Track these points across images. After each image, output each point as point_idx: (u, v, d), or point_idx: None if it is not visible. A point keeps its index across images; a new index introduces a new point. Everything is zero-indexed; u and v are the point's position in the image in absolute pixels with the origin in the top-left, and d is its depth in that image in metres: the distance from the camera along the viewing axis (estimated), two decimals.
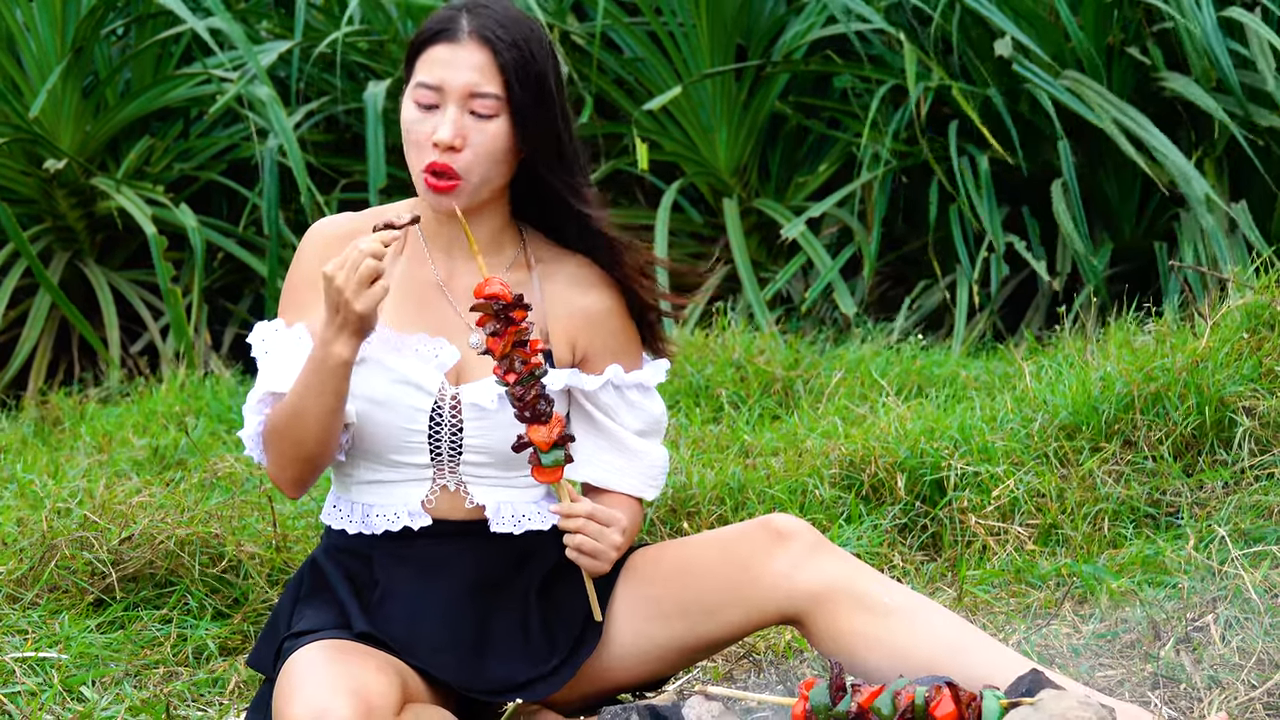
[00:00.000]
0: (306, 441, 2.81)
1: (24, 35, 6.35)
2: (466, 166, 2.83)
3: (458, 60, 2.82)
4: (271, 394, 2.87)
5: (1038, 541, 3.75)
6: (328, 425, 2.80)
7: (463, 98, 2.82)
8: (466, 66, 2.82)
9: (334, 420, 2.80)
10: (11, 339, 6.28)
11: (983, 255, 5.92)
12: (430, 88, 2.83)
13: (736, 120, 6.50)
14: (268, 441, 2.88)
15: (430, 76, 2.83)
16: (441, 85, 2.82)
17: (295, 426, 2.81)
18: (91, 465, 4.51)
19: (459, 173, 2.82)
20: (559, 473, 2.81)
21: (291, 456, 2.84)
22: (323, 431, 2.80)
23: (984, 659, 2.77)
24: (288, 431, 2.82)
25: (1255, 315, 4.08)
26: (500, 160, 2.85)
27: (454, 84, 2.82)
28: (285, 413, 2.82)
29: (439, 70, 2.82)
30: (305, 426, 2.80)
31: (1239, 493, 3.74)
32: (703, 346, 5.09)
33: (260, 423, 2.89)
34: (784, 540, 2.87)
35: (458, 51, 2.82)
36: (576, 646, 2.91)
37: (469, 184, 2.84)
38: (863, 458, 4.00)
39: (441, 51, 2.83)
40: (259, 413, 2.89)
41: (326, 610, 2.87)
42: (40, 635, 3.33)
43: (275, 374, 2.87)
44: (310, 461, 2.84)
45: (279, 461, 2.87)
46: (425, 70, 2.84)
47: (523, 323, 2.77)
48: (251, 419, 2.90)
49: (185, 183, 6.65)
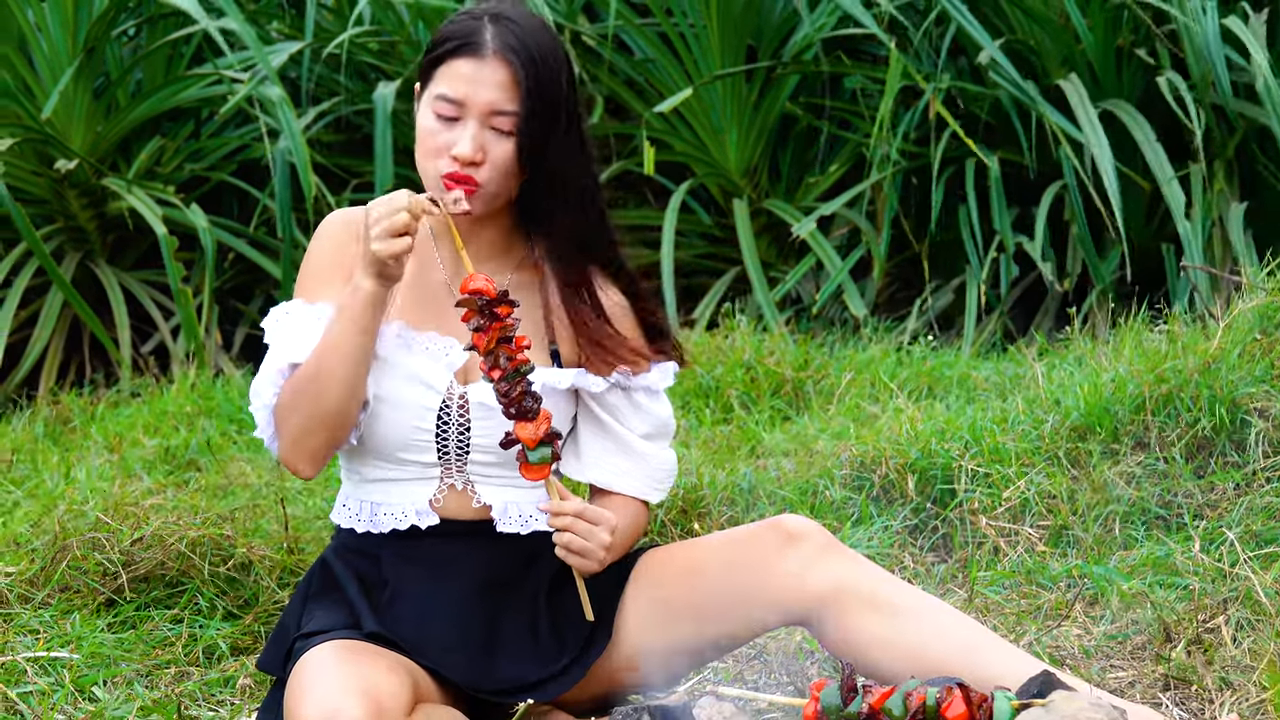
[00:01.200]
0: (330, 396, 2.79)
1: (35, 36, 6.36)
2: (485, 179, 2.85)
3: (481, 77, 2.83)
4: (290, 364, 2.86)
5: (1049, 543, 3.75)
6: (353, 375, 2.78)
7: (484, 115, 2.83)
8: (490, 84, 2.83)
9: (359, 370, 2.79)
10: (23, 339, 6.29)
11: (991, 256, 5.92)
12: (452, 101, 2.84)
13: (747, 121, 6.50)
14: (282, 414, 2.85)
15: (453, 90, 2.84)
16: (464, 101, 2.83)
17: (318, 380, 2.79)
18: (102, 465, 4.52)
19: (479, 183, 2.84)
20: (546, 470, 2.82)
21: (308, 420, 2.81)
22: (347, 382, 2.78)
23: (995, 660, 2.77)
24: (309, 389, 2.80)
25: (1267, 316, 4.07)
26: (515, 173, 2.87)
27: (476, 101, 2.83)
28: (308, 370, 2.81)
29: (462, 86, 2.83)
30: (330, 377, 2.78)
31: (1250, 494, 3.74)
32: (713, 348, 5.09)
33: (275, 394, 2.86)
34: (795, 541, 2.88)
35: (481, 68, 2.83)
36: (586, 647, 2.92)
37: (485, 193, 2.85)
38: (873, 459, 4.00)
39: (465, 66, 2.84)
40: (274, 383, 2.87)
41: (336, 610, 2.88)
42: (52, 635, 3.34)
43: (293, 345, 2.86)
44: (329, 424, 2.81)
45: (294, 431, 2.83)
46: (447, 83, 2.84)
47: (508, 319, 2.78)
48: (266, 389, 2.87)
49: (196, 183, 6.66)
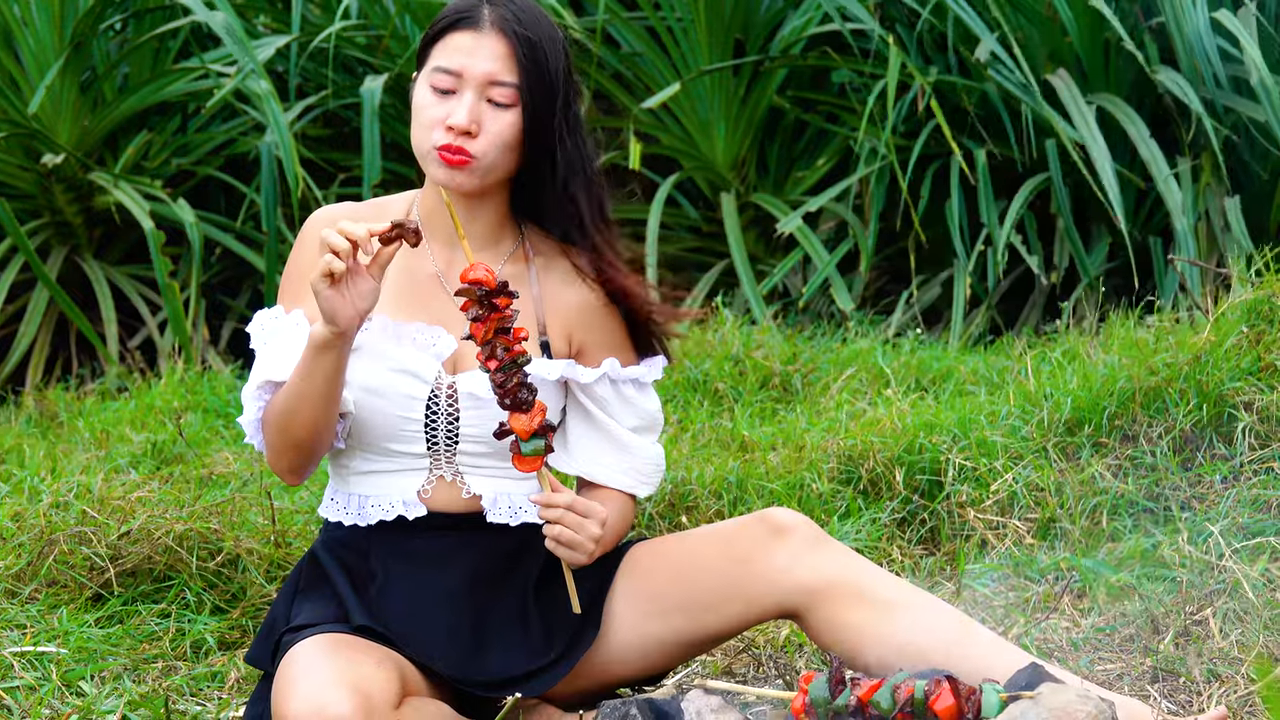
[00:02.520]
0: (297, 428, 2.81)
1: (22, 30, 6.34)
2: (480, 151, 2.85)
3: (479, 48, 2.84)
4: (269, 382, 2.88)
5: (1036, 535, 3.75)
6: (319, 411, 2.79)
7: (481, 85, 2.84)
8: (487, 55, 2.84)
9: (324, 407, 2.80)
10: (9, 334, 6.27)
11: (978, 249, 5.92)
12: (449, 73, 2.84)
13: (734, 115, 6.50)
14: (266, 429, 2.88)
15: (450, 62, 2.84)
16: (461, 71, 2.84)
17: (288, 413, 2.81)
18: (90, 460, 4.51)
19: (472, 154, 2.83)
20: (539, 461, 2.82)
21: (284, 444, 2.85)
22: (314, 418, 2.80)
23: (983, 653, 2.78)
24: (279, 418, 2.83)
25: (1255, 310, 4.08)
26: (511, 149, 2.87)
27: (474, 71, 2.84)
28: (279, 399, 2.83)
29: (459, 57, 2.84)
30: (298, 412, 2.80)
31: (1237, 487, 3.74)
32: (700, 341, 5.09)
33: (259, 409, 2.89)
34: (783, 535, 2.88)
35: (479, 40, 2.85)
36: (575, 640, 2.91)
37: (480, 165, 2.85)
38: (861, 452, 4.00)
39: (463, 39, 2.85)
40: (258, 399, 2.89)
41: (325, 604, 2.87)
42: (39, 630, 3.33)
43: (272, 362, 2.88)
44: (303, 449, 2.84)
45: (275, 449, 2.87)
46: (444, 56, 2.85)
47: (506, 310, 2.77)
48: (250, 406, 2.90)
49: (183, 178, 6.65)
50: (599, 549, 2.87)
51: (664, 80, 6.48)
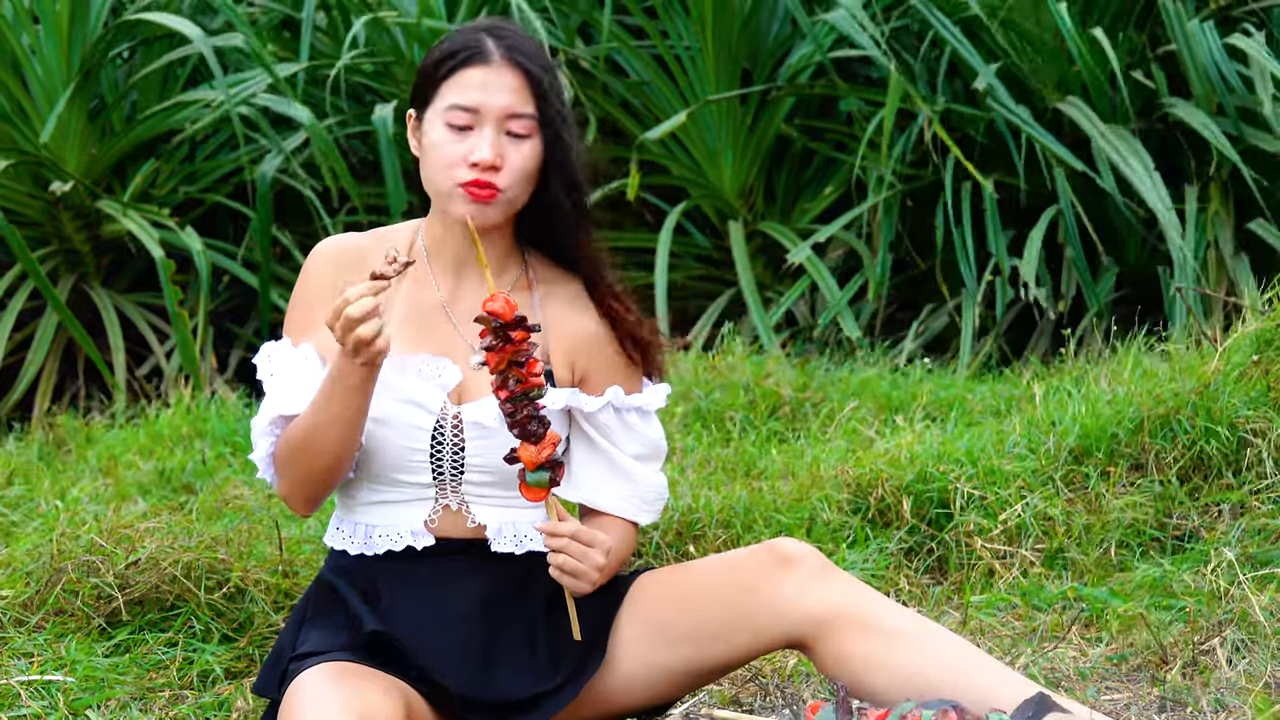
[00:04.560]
0: (318, 459, 2.82)
1: (30, 59, 6.36)
2: (506, 184, 2.86)
3: (493, 83, 2.86)
4: (281, 417, 2.88)
5: (1044, 565, 3.75)
6: (345, 442, 2.81)
7: (500, 119, 2.85)
8: (503, 89, 2.85)
9: (351, 436, 2.81)
10: (18, 361, 6.29)
11: (987, 278, 5.93)
12: (466, 109, 2.85)
13: (742, 143, 6.51)
14: (280, 462, 2.88)
15: (465, 99, 2.85)
16: (479, 107, 2.85)
17: (307, 445, 2.81)
18: (97, 488, 4.51)
19: (499, 188, 2.85)
20: (544, 493, 2.82)
21: (304, 475, 2.85)
22: (338, 449, 2.81)
23: (990, 682, 2.77)
24: (299, 452, 2.83)
25: (1264, 340, 4.08)
26: (531, 178, 2.90)
27: (491, 105, 2.85)
28: (300, 430, 2.83)
29: (474, 93, 2.85)
30: (322, 441, 2.80)
31: (1246, 516, 3.74)
32: (710, 370, 5.09)
33: (271, 444, 2.90)
34: (790, 565, 2.87)
35: (492, 74, 2.86)
36: (580, 666, 2.91)
37: (505, 197, 2.87)
38: (869, 481, 4.00)
39: (475, 74, 2.86)
40: (269, 435, 2.90)
41: (333, 632, 2.87)
42: (46, 658, 3.33)
43: (283, 396, 2.88)
44: (323, 479, 2.85)
45: (291, 481, 2.87)
46: (458, 93, 2.86)
47: (523, 344, 2.78)
48: (262, 442, 2.91)
49: (190, 205, 6.66)
50: (602, 578, 2.87)
51: (671, 109, 6.49)
